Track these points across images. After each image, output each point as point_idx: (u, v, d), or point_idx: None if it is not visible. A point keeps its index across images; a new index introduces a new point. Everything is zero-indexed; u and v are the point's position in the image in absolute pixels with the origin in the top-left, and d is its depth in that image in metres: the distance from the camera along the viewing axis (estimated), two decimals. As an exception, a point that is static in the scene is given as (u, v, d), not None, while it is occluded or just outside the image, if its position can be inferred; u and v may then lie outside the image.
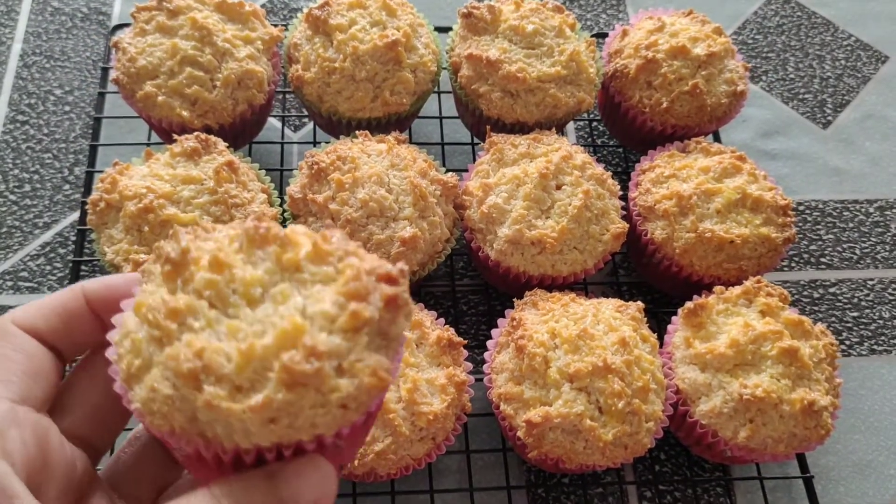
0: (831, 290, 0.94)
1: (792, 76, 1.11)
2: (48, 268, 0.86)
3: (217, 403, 0.30)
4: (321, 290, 0.32)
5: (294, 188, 0.76)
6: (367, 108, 0.82)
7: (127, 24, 0.97)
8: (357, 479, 0.67)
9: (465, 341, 0.71)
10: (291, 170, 0.91)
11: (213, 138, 0.76)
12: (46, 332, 0.36)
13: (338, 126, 0.85)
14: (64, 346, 0.37)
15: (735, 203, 0.79)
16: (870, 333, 0.91)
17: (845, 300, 0.93)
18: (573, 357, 0.66)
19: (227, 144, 0.77)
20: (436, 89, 0.91)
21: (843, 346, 0.89)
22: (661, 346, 0.74)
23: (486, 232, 0.78)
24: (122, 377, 0.33)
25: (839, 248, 0.97)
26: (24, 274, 0.85)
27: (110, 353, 0.34)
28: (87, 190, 0.88)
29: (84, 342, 0.38)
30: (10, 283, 0.85)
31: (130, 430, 0.43)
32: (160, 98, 0.78)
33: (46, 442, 0.34)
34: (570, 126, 1.02)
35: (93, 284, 0.38)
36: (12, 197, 0.90)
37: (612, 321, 0.70)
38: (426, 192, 0.74)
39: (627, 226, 0.79)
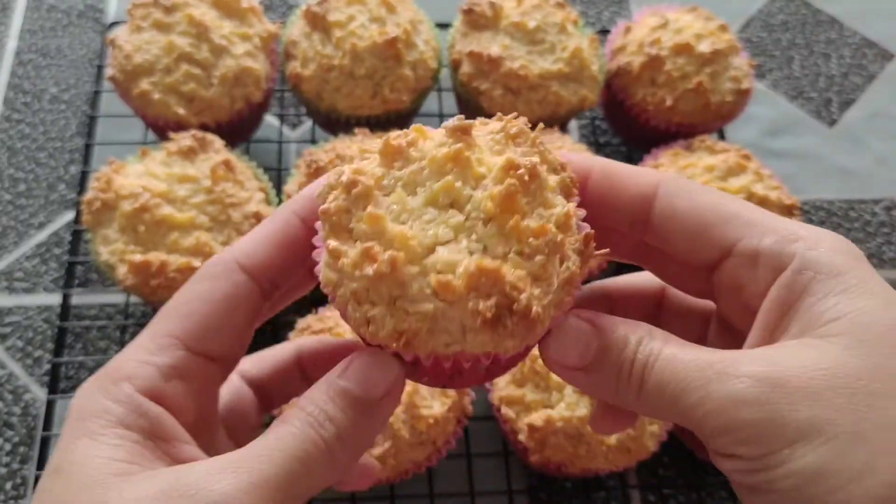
0: (837, 290, 0.92)
1: (797, 74, 1.10)
2: (43, 268, 0.85)
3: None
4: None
5: (292, 187, 0.75)
6: (366, 106, 0.81)
7: (123, 22, 0.96)
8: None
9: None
10: (289, 169, 0.90)
11: (209, 136, 0.75)
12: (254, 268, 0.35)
13: (336, 124, 0.84)
14: (270, 278, 0.35)
15: (740, 203, 0.77)
16: (876, 335, 0.89)
17: (851, 301, 0.92)
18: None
19: (223, 143, 0.76)
20: (436, 87, 0.89)
21: (849, 348, 0.88)
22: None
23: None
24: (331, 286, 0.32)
25: (845, 248, 0.95)
26: (19, 274, 0.84)
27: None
28: (82, 189, 0.86)
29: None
30: (4, 284, 0.83)
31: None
32: (156, 96, 0.77)
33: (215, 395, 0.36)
34: (573, 124, 1.01)
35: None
36: (7, 196, 0.89)
37: (616, 323, 0.69)
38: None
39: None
